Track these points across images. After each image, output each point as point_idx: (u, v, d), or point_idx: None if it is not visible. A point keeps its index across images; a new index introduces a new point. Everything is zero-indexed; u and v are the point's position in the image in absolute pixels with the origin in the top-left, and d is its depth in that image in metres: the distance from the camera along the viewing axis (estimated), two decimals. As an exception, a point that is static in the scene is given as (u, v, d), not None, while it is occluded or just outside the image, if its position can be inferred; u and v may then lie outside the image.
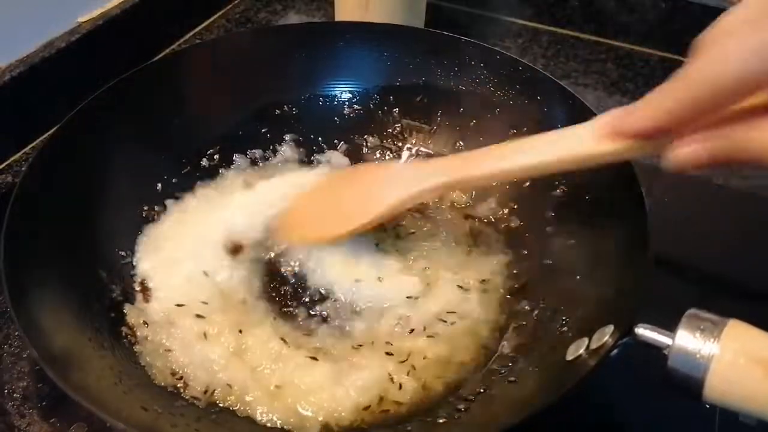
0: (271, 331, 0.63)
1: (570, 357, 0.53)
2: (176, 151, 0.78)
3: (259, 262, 0.71)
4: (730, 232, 0.79)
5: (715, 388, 0.45)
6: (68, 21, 0.92)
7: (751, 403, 0.44)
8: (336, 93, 0.84)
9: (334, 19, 1.00)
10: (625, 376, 0.60)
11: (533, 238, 0.71)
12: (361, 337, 0.65)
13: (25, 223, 0.61)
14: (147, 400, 0.57)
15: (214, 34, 1.11)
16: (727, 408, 0.46)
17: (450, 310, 0.66)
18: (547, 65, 1.05)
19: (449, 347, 0.63)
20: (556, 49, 1.08)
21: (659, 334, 0.48)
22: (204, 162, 0.80)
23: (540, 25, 1.12)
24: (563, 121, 0.73)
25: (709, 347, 0.45)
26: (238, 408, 0.59)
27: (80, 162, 0.69)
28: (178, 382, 0.61)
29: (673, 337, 0.47)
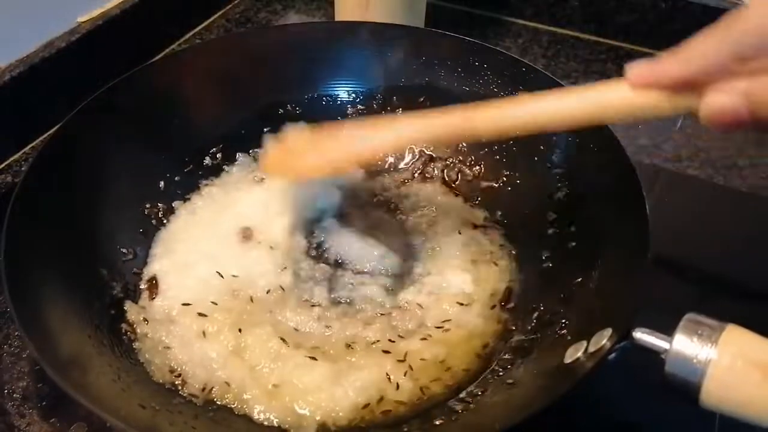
0: (270, 331, 0.63)
1: (568, 360, 0.53)
2: (178, 150, 0.78)
3: (272, 255, 0.71)
4: (730, 232, 0.79)
5: (712, 392, 0.45)
6: (68, 21, 0.92)
7: (749, 408, 0.44)
8: (339, 93, 0.84)
9: (334, 18, 1.00)
10: (626, 378, 0.60)
11: (534, 241, 0.71)
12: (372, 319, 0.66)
13: (26, 222, 0.61)
14: (145, 398, 0.57)
15: (214, 34, 1.11)
16: (725, 413, 0.46)
17: (447, 318, 0.66)
18: (547, 65, 1.04)
19: (446, 349, 0.63)
20: (556, 49, 1.08)
21: (657, 338, 0.48)
22: (207, 160, 0.80)
23: (540, 25, 1.12)
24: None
25: (707, 352, 0.45)
26: (236, 406, 0.59)
27: (81, 161, 0.69)
28: (177, 379, 0.61)
29: (670, 342, 0.47)
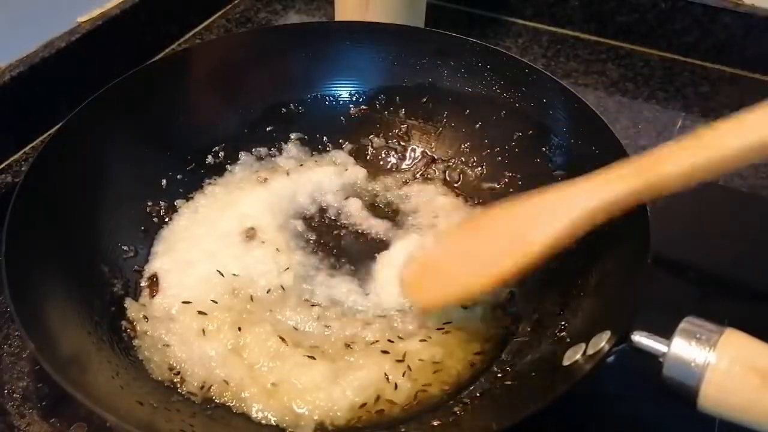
0: (270, 330, 0.64)
1: (566, 362, 0.53)
2: (180, 148, 0.78)
3: (274, 255, 0.71)
4: (730, 232, 0.79)
5: (710, 396, 0.45)
6: (68, 21, 0.92)
7: (747, 413, 0.44)
8: (341, 93, 0.84)
9: (334, 18, 1.00)
10: (625, 379, 0.60)
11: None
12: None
13: (26, 222, 0.61)
14: (143, 395, 0.57)
15: (214, 34, 1.10)
16: (723, 417, 0.46)
17: (447, 321, 0.66)
18: (547, 65, 1.04)
19: (445, 350, 0.63)
20: (556, 49, 1.08)
21: (655, 341, 0.48)
22: (209, 159, 0.80)
23: (540, 25, 1.12)
24: (567, 124, 0.73)
25: (705, 356, 0.45)
26: (234, 404, 0.60)
27: (81, 161, 0.70)
28: (176, 377, 0.61)
29: (668, 345, 0.47)
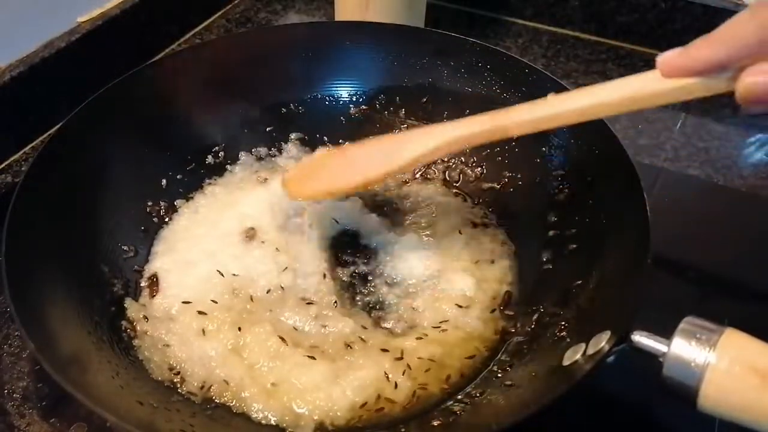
0: (270, 330, 0.64)
1: (566, 362, 0.53)
2: (179, 149, 0.78)
3: (274, 255, 0.71)
4: (729, 232, 0.79)
5: (709, 396, 0.45)
6: (68, 21, 0.92)
7: (747, 413, 0.44)
8: (341, 93, 0.84)
9: (334, 18, 1.00)
10: (627, 378, 0.60)
11: (535, 242, 0.71)
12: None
13: (26, 222, 0.61)
14: (143, 395, 0.57)
15: (214, 34, 1.11)
16: (723, 417, 0.46)
17: (444, 319, 0.66)
18: (547, 65, 1.04)
19: (445, 350, 0.63)
20: (556, 49, 1.08)
21: (655, 341, 0.48)
22: (209, 159, 0.80)
23: (540, 25, 1.12)
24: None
25: (705, 356, 0.45)
26: (234, 404, 0.60)
27: (81, 161, 0.70)
28: (176, 377, 0.61)
29: (668, 345, 0.47)
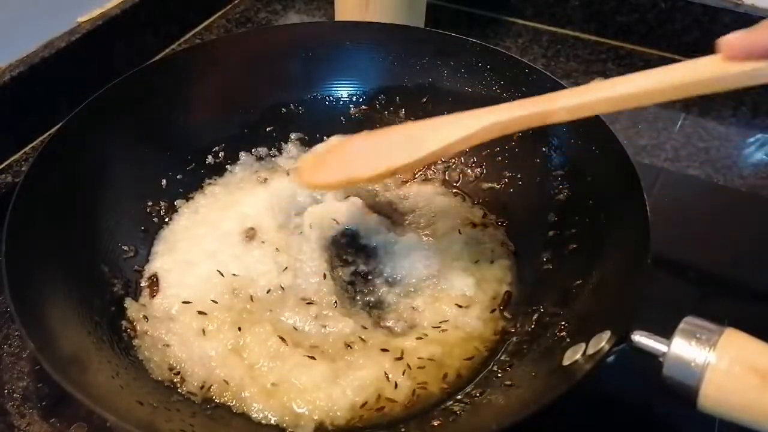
0: (270, 329, 0.64)
1: (566, 362, 0.53)
2: (179, 149, 0.78)
3: (274, 255, 0.71)
4: (729, 232, 0.79)
5: (709, 396, 0.45)
6: (68, 21, 0.92)
7: (747, 413, 0.44)
8: (341, 93, 0.84)
9: (334, 18, 1.00)
10: (627, 378, 0.60)
11: (534, 242, 0.71)
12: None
13: (26, 222, 0.61)
14: (143, 395, 0.57)
15: (214, 34, 1.11)
16: (723, 417, 0.46)
17: (444, 319, 0.66)
18: (547, 65, 1.04)
19: (445, 350, 0.63)
20: (556, 49, 1.08)
21: (655, 341, 0.48)
22: (209, 159, 0.80)
23: (540, 25, 1.12)
24: (567, 124, 0.73)
25: (705, 356, 0.45)
26: (234, 404, 0.60)
27: (81, 161, 0.70)
28: (176, 377, 0.61)
29: (668, 345, 0.47)
